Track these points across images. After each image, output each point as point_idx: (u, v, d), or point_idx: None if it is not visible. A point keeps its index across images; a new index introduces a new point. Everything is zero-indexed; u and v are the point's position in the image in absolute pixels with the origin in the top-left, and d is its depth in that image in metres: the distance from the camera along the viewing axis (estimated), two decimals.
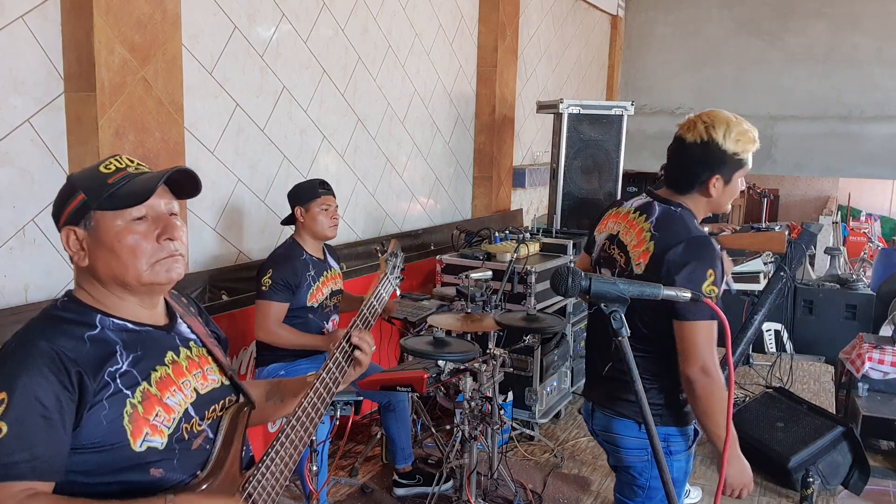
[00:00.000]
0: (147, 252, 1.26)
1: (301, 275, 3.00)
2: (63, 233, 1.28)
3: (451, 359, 2.87)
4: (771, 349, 5.61)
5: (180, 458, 1.27)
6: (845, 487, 3.58)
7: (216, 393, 1.38)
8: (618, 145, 4.93)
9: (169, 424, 1.26)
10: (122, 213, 1.25)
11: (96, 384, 1.18)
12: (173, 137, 2.86)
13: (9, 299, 2.51)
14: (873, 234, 11.15)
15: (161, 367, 1.29)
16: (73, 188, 1.28)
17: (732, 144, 1.93)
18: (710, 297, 1.83)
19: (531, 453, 3.86)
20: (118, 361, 1.22)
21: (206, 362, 1.39)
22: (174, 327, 1.37)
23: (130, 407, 1.21)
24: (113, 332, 1.26)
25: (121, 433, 1.20)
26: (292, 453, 1.36)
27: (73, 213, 1.27)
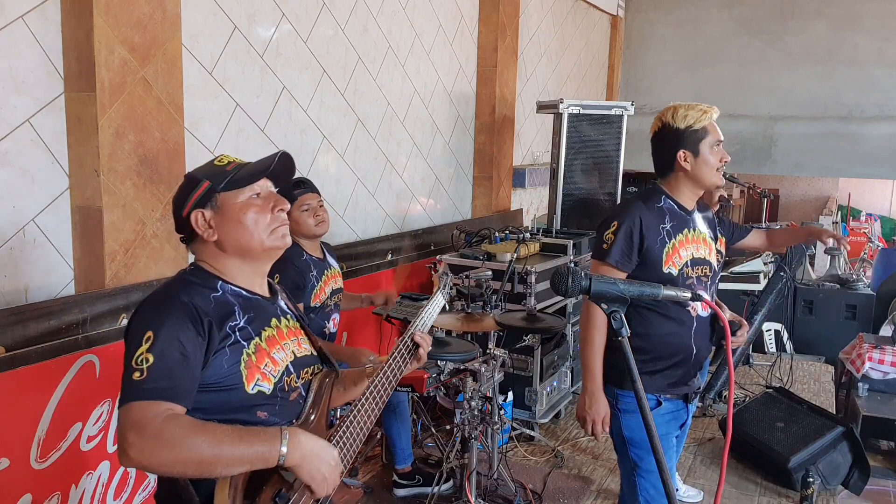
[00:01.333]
0: (266, 220, 1.52)
1: (305, 275, 2.96)
2: (193, 216, 1.50)
3: (451, 359, 2.88)
4: (771, 349, 5.61)
5: (281, 405, 1.50)
6: (845, 487, 3.58)
7: (308, 359, 1.61)
8: (618, 145, 4.93)
9: (275, 374, 1.49)
10: (241, 192, 1.51)
11: (221, 334, 1.43)
12: (173, 137, 2.86)
13: (9, 299, 2.50)
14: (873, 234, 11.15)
15: (268, 328, 1.53)
16: (196, 179, 1.53)
17: (682, 120, 2.22)
18: (606, 241, 2.20)
19: (531, 453, 3.86)
20: (237, 318, 1.47)
21: (299, 333, 1.63)
22: (276, 300, 1.62)
23: (246, 356, 1.45)
24: (231, 295, 1.50)
25: (237, 376, 1.43)
26: (366, 420, 1.62)
27: (201, 198, 1.51)
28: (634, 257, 2.19)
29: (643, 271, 2.19)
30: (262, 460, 1.36)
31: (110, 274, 2.64)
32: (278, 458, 1.36)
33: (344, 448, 1.55)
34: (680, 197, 2.28)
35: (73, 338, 2.50)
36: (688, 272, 2.24)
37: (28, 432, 2.33)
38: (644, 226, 2.18)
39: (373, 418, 1.64)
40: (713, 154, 2.22)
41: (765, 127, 8.18)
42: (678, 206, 2.27)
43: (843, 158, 8.05)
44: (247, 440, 1.35)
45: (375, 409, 1.64)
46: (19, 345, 2.36)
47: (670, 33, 8.64)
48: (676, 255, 2.22)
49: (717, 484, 1.62)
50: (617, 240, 2.17)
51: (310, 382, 1.60)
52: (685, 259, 2.24)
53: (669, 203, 2.26)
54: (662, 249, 2.20)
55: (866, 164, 7.96)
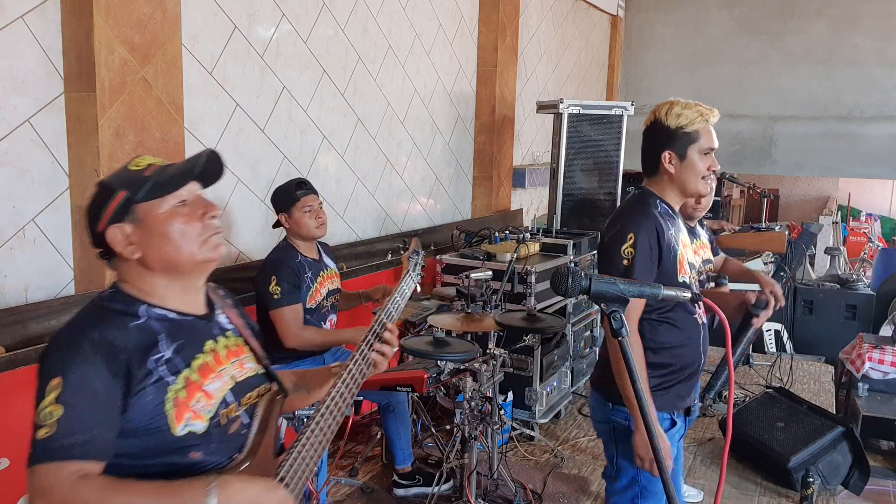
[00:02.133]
0: (196, 231, 1.35)
1: (300, 276, 2.98)
2: (109, 232, 1.32)
3: (451, 359, 2.88)
4: (771, 349, 5.61)
5: (218, 441, 1.34)
6: (845, 487, 3.58)
7: (252, 381, 1.45)
8: (618, 145, 4.93)
9: (209, 409, 1.32)
10: (165, 200, 1.33)
11: (141, 372, 1.25)
12: (173, 137, 2.86)
13: (9, 299, 2.50)
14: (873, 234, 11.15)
15: (201, 354, 1.36)
16: (110, 189, 1.34)
17: (674, 119, 2.06)
18: (627, 257, 1.99)
19: (531, 453, 3.85)
20: (161, 350, 1.29)
21: (242, 351, 1.46)
22: (213, 317, 1.44)
23: (172, 393, 1.28)
24: (156, 321, 1.32)
25: (163, 418, 1.27)
26: (322, 440, 1.42)
27: (117, 211, 1.32)
28: (655, 270, 2.03)
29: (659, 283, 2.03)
30: None
31: (110, 274, 2.63)
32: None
33: (296, 475, 1.36)
34: (668, 199, 2.14)
35: None
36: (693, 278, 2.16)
37: (28, 432, 2.32)
38: (659, 235, 2.03)
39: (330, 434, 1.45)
40: (702, 161, 2.06)
41: (765, 127, 8.18)
42: (670, 208, 2.14)
43: (843, 158, 8.05)
44: (167, 498, 1.19)
45: (333, 423, 1.45)
46: (19, 345, 2.36)
47: (670, 33, 8.64)
48: (686, 263, 2.11)
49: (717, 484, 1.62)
50: (638, 254, 1.98)
51: (255, 407, 1.44)
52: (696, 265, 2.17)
53: (664, 206, 2.12)
54: (676, 258, 2.07)
55: (866, 164, 7.96)
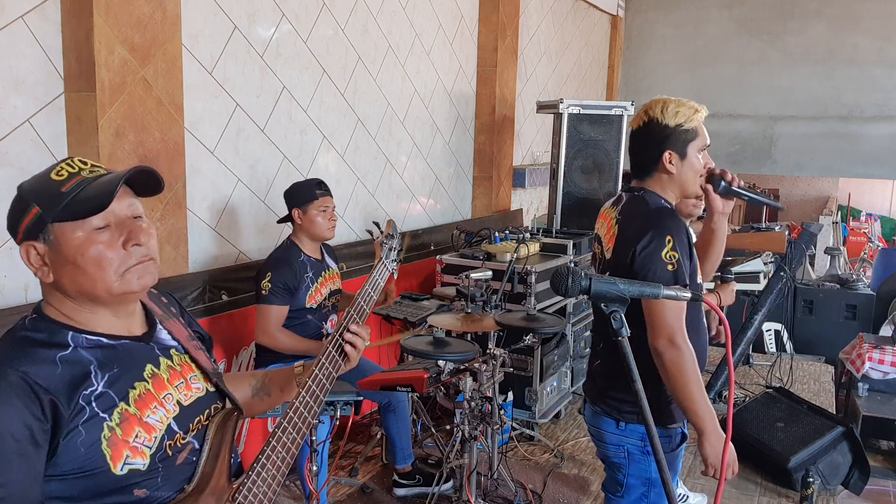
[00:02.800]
0: (114, 262, 1.19)
1: (300, 276, 2.99)
2: (22, 249, 1.19)
3: (451, 359, 2.87)
4: (771, 349, 5.61)
5: (164, 475, 1.22)
6: (845, 487, 3.58)
7: (201, 402, 1.32)
8: (618, 145, 4.93)
9: (150, 444, 1.20)
10: (81, 224, 1.17)
11: (71, 410, 1.12)
12: (173, 137, 2.86)
13: (9, 299, 2.51)
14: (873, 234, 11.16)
15: (140, 382, 1.22)
16: (26, 201, 1.18)
17: (672, 118, 1.99)
18: (672, 262, 1.89)
19: (531, 453, 3.85)
20: (93, 383, 1.16)
21: (189, 370, 1.33)
22: (153, 335, 1.31)
23: (108, 430, 1.16)
24: (86, 349, 1.19)
25: (100, 458, 1.14)
26: (285, 457, 1.30)
27: (30, 228, 1.18)
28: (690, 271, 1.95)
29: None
30: None
31: None
32: None
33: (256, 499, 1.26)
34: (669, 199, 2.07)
35: None
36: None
37: None
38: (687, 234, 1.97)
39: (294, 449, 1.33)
40: (700, 159, 2.02)
41: (765, 127, 8.18)
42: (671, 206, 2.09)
43: (843, 158, 8.05)
44: None
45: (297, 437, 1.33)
46: None
47: (670, 33, 8.64)
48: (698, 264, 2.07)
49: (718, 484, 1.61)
50: (681, 257, 1.91)
51: (205, 430, 1.30)
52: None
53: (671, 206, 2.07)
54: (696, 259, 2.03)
55: (866, 164, 7.97)
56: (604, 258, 2.10)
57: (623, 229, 2.01)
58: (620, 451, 2.06)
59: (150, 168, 1.23)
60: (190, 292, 3.03)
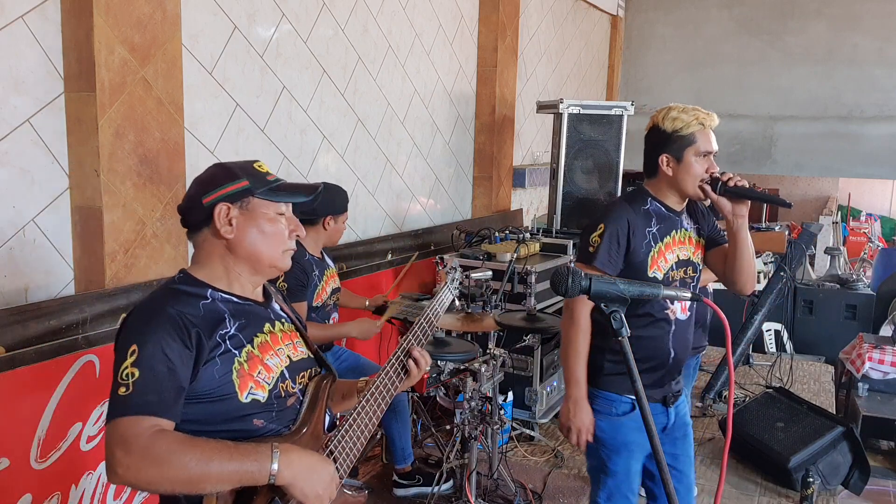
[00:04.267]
0: (283, 241, 1.53)
1: (309, 275, 3.01)
2: (218, 207, 1.48)
3: (451, 359, 2.88)
4: (771, 349, 5.61)
5: (278, 411, 1.48)
6: (845, 487, 3.58)
7: (304, 363, 1.60)
8: (618, 145, 4.93)
9: (269, 381, 1.47)
10: (272, 206, 1.52)
11: (210, 343, 1.40)
12: (173, 137, 2.86)
13: (9, 299, 2.50)
14: (873, 234, 11.16)
15: (261, 334, 1.51)
16: (235, 174, 1.51)
17: (670, 123, 2.13)
18: (592, 245, 2.14)
19: (531, 453, 3.86)
20: (227, 326, 1.44)
21: (295, 336, 1.62)
22: (270, 305, 1.60)
23: (238, 364, 1.43)
24: (221, 302, 1.48)
25: (230, 385, 1.41)
26: (367, 423, 1.58)
27: (233, 193, 1.49)
28: (620, 261, 2.13)
29: (627, 275, 2.08)
30: (252, 479, 1.33)
31: (110, 274, 2.64)
32: (269, 478, 1.34)
33: (343, 452, 1.54)
34: (666, 200, 2.20)
35: (73, 338, 2.50)
36: (673, 275, 2.18)
37: (28, 432, 2.33)
38: (630, 228, 2.11)
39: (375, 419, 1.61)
40: (699, 163, 2.11)
41: (765, 127, 8.18)
42: (665, 207, 2.19)
43: (843, 158, 8.05)
44: (237, 458, 1.32)
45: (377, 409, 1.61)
46: (19, 345, 2.36)
47: (670, 33, 8.65)
48: (662, 259, 2.16)
49: (717, 484, 1.62)
50: (603, 242, 2.10)
51: (306, 386, 1.58)
52: (671, 262, 2.18)
53: (656, 205, 2.19)
54: (648, 253, 2.13)
55: (866, 164, 7.97)
56: None
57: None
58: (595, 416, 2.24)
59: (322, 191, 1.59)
60: None
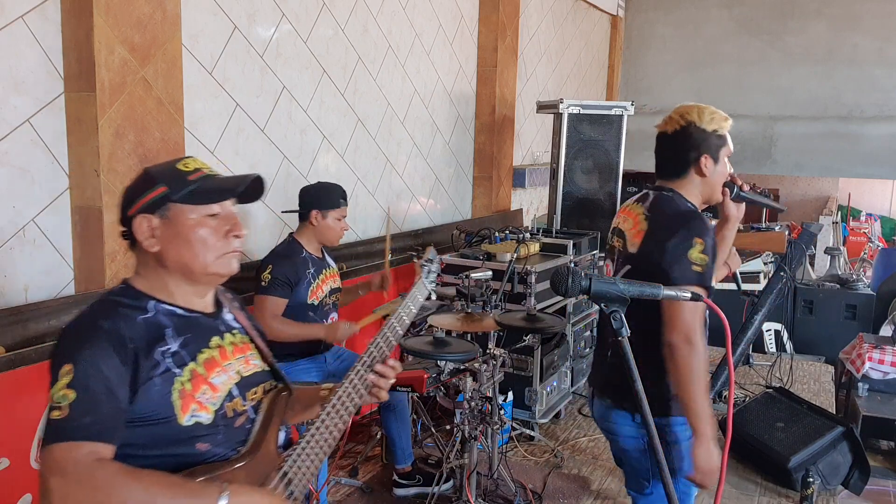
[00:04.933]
0: (216, 246, 1.41)
1: (301, 272, 3.01)
2: (137, 219, 1.39)
3: (451, 359, 2.88)
4: (771, 349, 5.61)
5: (224, 433, 1.39)
6: (845, 487, 3.58)
7: (257, 377, 1.50)
8: (618, 145, 4.93)
9: (214, 402, 1.38)
10: (198, 208, 1.39)
11: (149, 362, 1.31)
12: (173, 137, 2.86)
13: (9, 299, 2.50)
14: (873, 234, 11.16)
15: (207, 349, 1.41)
16: (154, 180, 1.40)
17: (709, 122, 2.07)
18: (699, 264, 1.91)
19: (531, 453, 3.85)
20: (168, 343, 1.35)
21: (248, 349, 1.52)
22: (220, 315, 1.50)
23: (179, 384, 1.34)
24: (164, 315, 1.38)
25: (169, 407, 1.32)
26: (328, 438, 1.47)
27: (152, 203, 1.38)
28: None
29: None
30: None
31: (110, 274, 2.64)
32: None
33: (300, 471, 1.44)
34: (695, 201, 2.11)
35: None
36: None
37: (28, 432, 2.33)
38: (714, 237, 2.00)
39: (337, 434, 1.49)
40: (727, 165, 2.10)
41: (765, 127, 8.18)
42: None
43: (843, 158, 8.05)
44: (181, 496, 1.23)
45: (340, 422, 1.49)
46: (19, 345, 2.36)
47: (670, 33, 8.65)
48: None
49: (718, 484, 1.62)
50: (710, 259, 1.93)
51: (260, 402, 1.49)
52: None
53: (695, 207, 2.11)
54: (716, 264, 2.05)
55: (866, 164, 7.97)
56: (624, 252, 2.11)
57: (654, 226, 2.03)
58: (639, 443, 2.06)
59: (263, 180, 1.46)
60: None
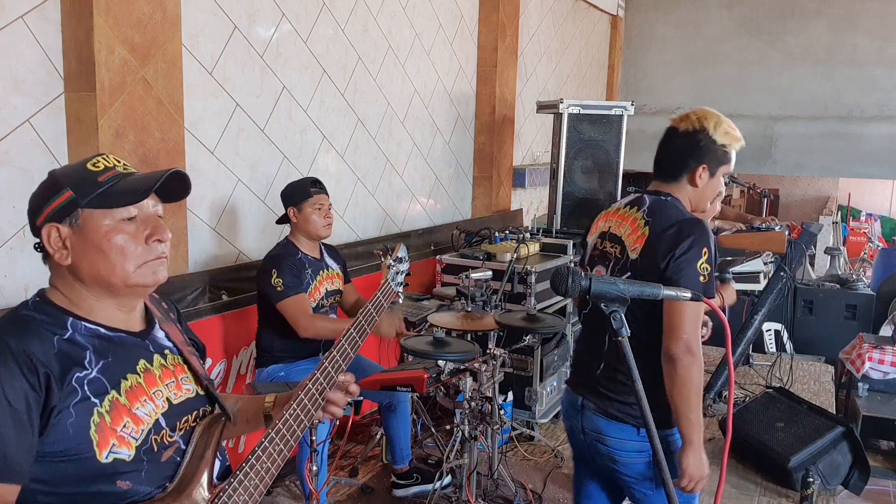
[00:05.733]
0: (135, 253, 1.24)
1: (300, 271, 3.01)
2: (44, 230, 1.23)
3: (451, 359, 2.87)
4: (771, 349, 5.61)
5: (149, 469, 1.23)
6: (845, 487, 3.58)
7: (190, 403, 1.34)
8: (618, 145, 4.92)
9: (137, 436, 1.22)
10: (111, 213, 1.23)
11: (63, 389, 1.15)
12: (173, 137, 2.86)
13: (9, 299, 2.50)
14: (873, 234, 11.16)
15: (132, 375, 1.25)
16: (59, 184, 1.24)
17: (721, 136, 2.02)
18: (704, 273, 1.90)
19: (531, 453, 3.85)
20: (87, 367, 1.19)
21: (181, 371, 1.35)
22: (150, 334, 1.33)
23: (97, 416, 1.18)
24: (84, 336, 1.22)
25: (87, 443, 1.16)
26: (269, 467, 1.30)
27: (58, 210, 1.23)
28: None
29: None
30: None
31: None
32: None
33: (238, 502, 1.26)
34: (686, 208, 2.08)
35: None
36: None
37: None
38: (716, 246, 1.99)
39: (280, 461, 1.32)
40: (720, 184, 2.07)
41: (765, 127, 8.18)
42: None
43: (843, 158, 8.05)
44: None
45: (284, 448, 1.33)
46: None
47: (670, 33, 8.64)
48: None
49: (717, 484, 1.62)
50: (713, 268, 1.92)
51: (192, 431, 1.32)
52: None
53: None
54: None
55: (866, 164, 7.96)
56: (623, 258, 2.05)
57: (657, 232, 1.98)
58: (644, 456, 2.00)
59: (184, 174, 1.30)
60: (190, 292, 3.03)
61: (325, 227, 3.07)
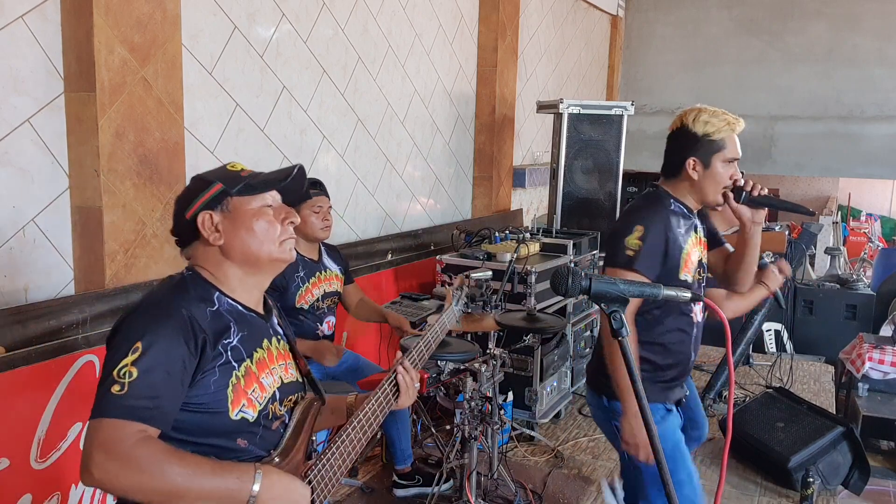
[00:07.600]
0: (277, 231, 1.47)
1: (289, 276, 2.96)
2: (200, 217, 1.44)
3: (451, 359, 2.88)
4: (771, 349, 5.61)
5: (263, 433, 1.44)
6: (845, 487, 3.58)
7: (294, 386, 1.55)
8: (618, 145, 4.93)
9: (261, 401, 1.43)
10: (254, 199, 1.47)
11: (213, 352, 1.36)
12: (173, 137, 2.86)
13: (9, 299, 2.50)
14: (873, 234, 11.16)
15: (260, 349, 1.47)
16: (208, 181, 1.48)
17: (701, 126, 2.08)
18: (632, 248, 2.01)
19: (531, 453, 3.85)
20: (231, 336, 1.40)
21: (288, 357, 1.56)
22: (270, 319, 1.56)
23: (235, 378, 1.39)
24: (226, 310, 1.43)
25: (224, 400, 1.37)
26: (350, 451, 1.52)
27: (211, 200, 1.45)
28: (660, 265, 2.04)
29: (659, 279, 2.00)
30: (232, 497, 1.29)
31: (110, 274, 2.64)
32: (248, 499, 1.29)
33: (321, 483, 1.47)
34: (685, 201, 2.18)
35: (73, 338, 2.50)
36: (696, 277, 2.17)
37: (28, 432, 2.33)
38: (668, 230, 2.05)
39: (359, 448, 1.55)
40: (725, 170, 2.10)
41: (765, 127, 8.18)
42: (686, 208, 2.18)
43: (843, 158, 8.05)
44: (219, 474, 1.28)
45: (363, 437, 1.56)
46: (19, 345, 2.36)
47: (670, 33, 8.64)
48: (690, 261, 2.13)
49: (717, 484, 1.62)
50: (646, 245, 2.00)
51: (293, 410, 1.54)
52: (695, 264, 2.16)
53: (678, 206, 2.16)
54: (680, 256, 2.09)
55: (866, 164, 7.96)
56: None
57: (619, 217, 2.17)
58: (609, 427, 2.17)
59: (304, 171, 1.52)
60: None
61: (322, 230, 3.05)
